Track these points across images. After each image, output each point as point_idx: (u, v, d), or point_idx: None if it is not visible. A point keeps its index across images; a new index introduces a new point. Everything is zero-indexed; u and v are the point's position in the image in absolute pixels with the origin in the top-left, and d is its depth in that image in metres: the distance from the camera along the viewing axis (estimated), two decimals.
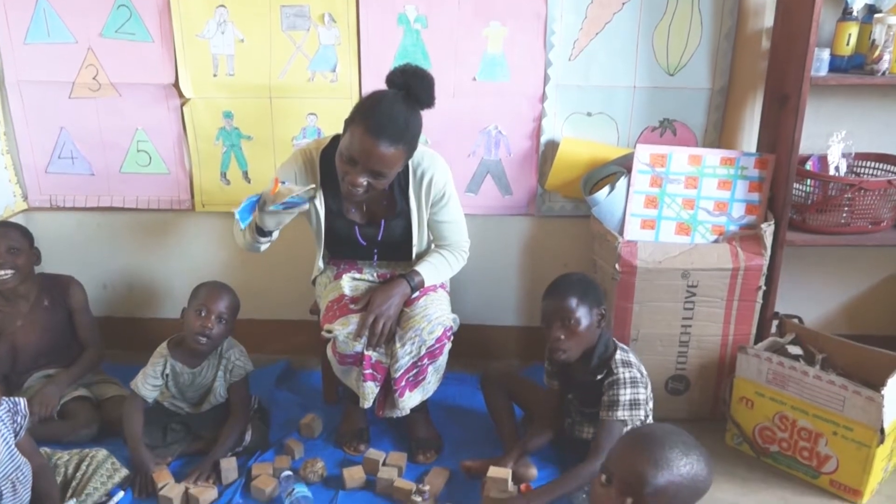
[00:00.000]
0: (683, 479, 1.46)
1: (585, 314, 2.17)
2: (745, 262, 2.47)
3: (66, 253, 2.94)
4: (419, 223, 2.37)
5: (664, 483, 1.45)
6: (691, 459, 1.48)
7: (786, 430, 2.39)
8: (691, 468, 1.47)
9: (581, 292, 2.18)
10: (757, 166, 2.56)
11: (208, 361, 2.45)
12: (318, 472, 2.32)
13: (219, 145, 2.82)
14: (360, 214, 2.39)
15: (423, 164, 2.31)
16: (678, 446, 1.48)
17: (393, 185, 2.31)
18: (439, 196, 2.34)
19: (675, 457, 1.47)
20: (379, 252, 2.44)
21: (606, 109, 2.73)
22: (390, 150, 2.08)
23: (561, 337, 2.17)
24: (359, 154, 2.09)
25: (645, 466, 1.46)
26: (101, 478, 2.17)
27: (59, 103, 2.80)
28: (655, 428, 1.59)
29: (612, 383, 2.19)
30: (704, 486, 1.50)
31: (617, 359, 2.21)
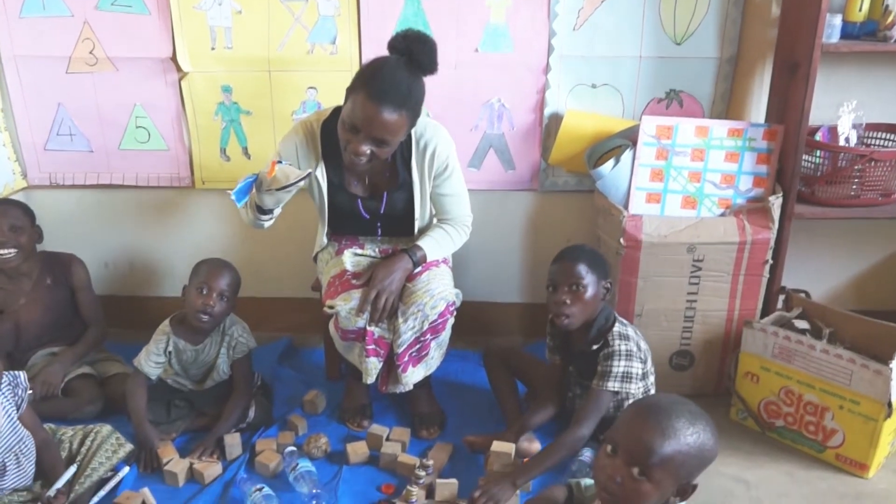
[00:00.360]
0: (690, 449, 1.47)
1: (593, 283, 2.18)
2: (752, 235, 2.45)
3: (67, 231, 2.94)
4: (421, 196, 2.35)
5: (671, 452, 1.45)
6: (697, 429, 1.48)
7: (791, 404, 2.38)
8: (697, 437, 1.47)
9: (591, 261, 2.20)
10: (765, 137, 2.52)
11: (211, 338, 2.45)
12: (321, 448, 2.33)
13: (218, 120, 2.80)
14: (362, 187, 2.37)
15: (427, 135, 2.29)
16: (684, 415, 1.48)
17: (395, 157, 2.29)
18: (442, 168, 2.32)
19: (682, 426, 1.47)
20: (382, 226, 2.43)
21: (611, 81, 2.69)
22: (393, 117, 2.06)
23: (567, 301, 2.17)
24: (361, 121, 2.07)
25: (651, 436, 1.46)
26: (105, 453, 2.18)
27: (56, 79, 2.79)
28: (661, 398, 1.59)
29: (607, 355, 2.19)
30: (711, 455, 1.51)
31: (615, 331, 2.21)
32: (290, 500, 2.13)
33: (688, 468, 1.49)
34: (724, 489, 2.22)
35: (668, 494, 1.51)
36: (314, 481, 2.15)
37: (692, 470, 1.50)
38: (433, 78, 2.19)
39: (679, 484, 1.50)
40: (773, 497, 2.20)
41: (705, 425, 1.50)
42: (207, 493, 2.18)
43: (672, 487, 1.50)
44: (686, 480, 1.51)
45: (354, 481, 2.24)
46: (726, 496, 2.19)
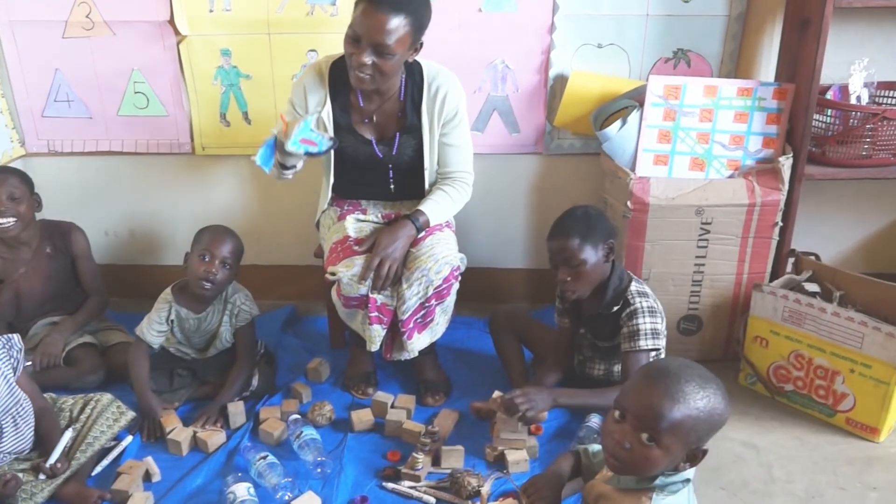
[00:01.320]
0: (700, 413, 1.41)
1: (591, 252, 2.09)
2: (762, 197, 2.38)
3: (66, 199, 2.87)
4: (430, 142, 2.29)
5: (680, 417, 1.40)
6: (707, 392, 1.42)
7: (801, 368, 2.32)
8: (708, 401, 1.41)
9: (584, 230, 2.10)
10: (775, 97, 2.44)
11: (213, 306, 2.40)
12: (326, 416, 2.29)
13: (217, 85, 2.72)
14: (371, 129, 2.30)
15: (439, 80, 2.24)
16: (694, 380, 1.42)
17: (406, 98, 2.24)
18: (451, 115, 2.26)
19: (691, 390, 1.41)
20: (394, 170, 2.34)
21: (618, 40, 2.60)
22: (393, 21, 2.01)
23: (567, 279, 2.11)
24: (361, 27, 2.02)
25: (660, 400, 1.40)
26: (106, 421, 2.14)
27: (53, 44, 2.71)
28: (670, 361, 1.54)
29: (631, 314, 2.13)
30: (721, 420, 1.45)
31: (633, 290, 2.15)
32: (295, 468, 2.09)
33: (697, 433, 1.43)
34: (733, 454, 2.17)
35: (678, 460, 1.46)
36: (319, 449, 2.11)
37: (702, 435, 1.44)
38: (435, 38, 2.11)
39: (689, 449, 1.45)
40: (782, 462, 2.15)
41: (715, 389, 1.44)
42: (211, 461, 2.14)
43: (681, 453, 1.45)
44: (696, 445, 1.45)
45: (359, 449, 2.19)
46: (735, 461, 2.15)
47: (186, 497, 2.02)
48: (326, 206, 2.45)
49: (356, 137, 2.30)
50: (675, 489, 1.46)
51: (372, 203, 2.43)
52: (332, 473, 2.08)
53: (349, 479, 2.07)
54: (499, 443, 2.14)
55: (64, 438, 2.04)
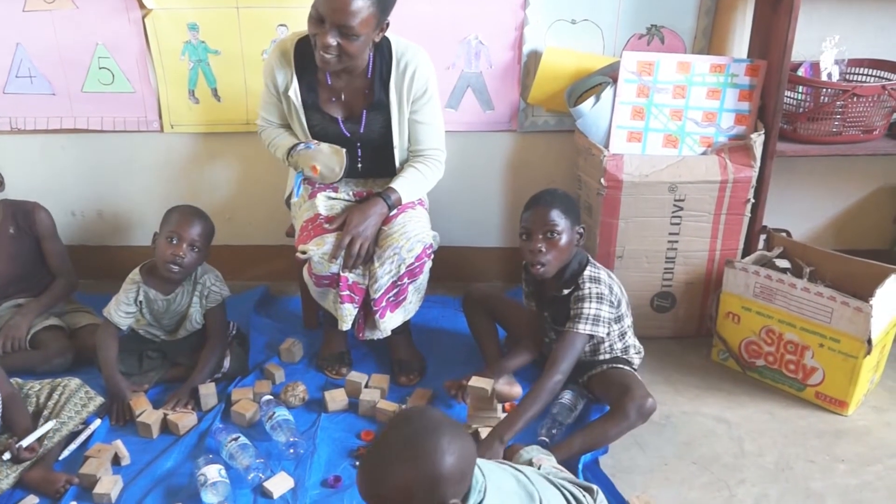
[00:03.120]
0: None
1: (567, 229, 2.07)
2: (734, 174, 2.35)
3: (31, 179, 2.76)
4: (399, 120, 2.22)
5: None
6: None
7: (772, 343, 2.31)
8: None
9: (565, 206, 2.09)
10: (748, 73, 2.41)
11: (183, 287, 2.33)
12: (299, 396, 2.24)
13: (185, 61, 2.62)
14: (339, 107, 2.23)
15: (408, 56, 2.17)
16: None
17: (374, 75, 2.17)
18: (421, 92, 2.19)
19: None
20: (363, 147, 2.28)
21: (591, 16, 2.55)
22: (357, 1, 1.93)
23: (542, 249, 2.05)
24: (324, 7, 1.95)
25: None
26: (75, 406, 2.08)
27: (13, 17, 2.58)
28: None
29: (578, 298, 2.09)
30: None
31: (585, 275, 2.11)
32: (267, 449, 2.05)
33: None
34: (704, 428, 2.17)
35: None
36: (292, 430, 2.07)
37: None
38: (407, 14, 2.04)
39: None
40: (753, 436, 2.14)
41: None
42: (182, 444, 2.08)
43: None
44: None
45: (333, 429, 2.15)
46: (707, 435, 2.14)
47: (156, 480, 1.97)
48: (296, 185, 2.38)
49: (323, 116, 2.23)
50: None
51: (343, 181, 2.36)
52: (305, 454, 2.04)
53: (322, 459, 2.03)
54: (473, 420, 2.11)
55: (44, 427, 1.97)
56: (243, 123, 2.69)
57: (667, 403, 2.24)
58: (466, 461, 1.34)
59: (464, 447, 1.33)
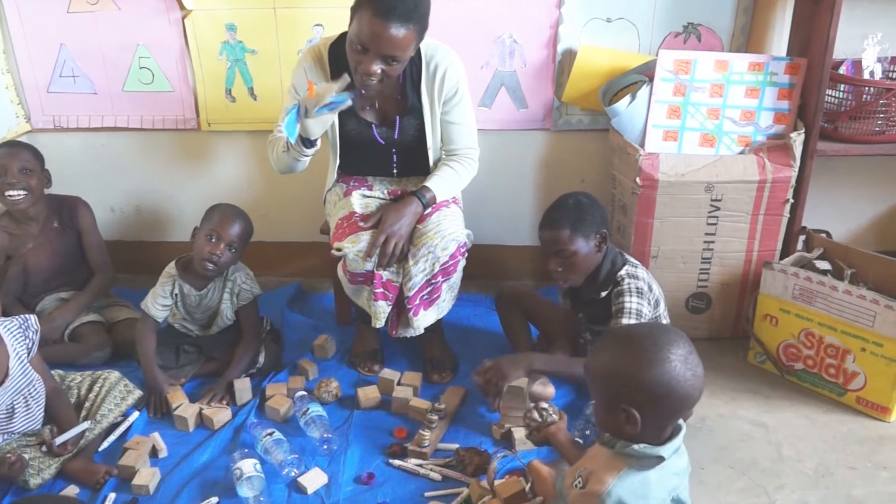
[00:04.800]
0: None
1: (582, 243, 2.02)
2: (773, 174, 2.29)
3: (72, 176, 2.78)
4: (432, 121, 2.20)
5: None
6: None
7: (812, 347, 2.24)
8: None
9: (574, 221, 2.02)
10: (787, 72, 2.34)
11: (214, 284, 2.32)
12: (332, 392, 2.22)
13: (222, 60, 2.63)
14: (373, 113, 2.22)
15: (437, 58, 2.14)
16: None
17: (405, 80, 2.15)
18: (452, 93, 2.16)
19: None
20: (398, 155, 2.26)
21: (627, 14, 2.49)
22: (401, 32, 1.92)
23: (558, 270, 2.05)
24: (369, 39, 1.92)
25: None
26: (114, 399, 2.08)
27: (58, 18, 2.62)
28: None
29: (618, 293, 2.05)
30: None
31: (623, 272, 2.07)
32: (301, 445, 2.03)
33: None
34: (742, 432, 2.10)
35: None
36: (325, 426, 2.05)
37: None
38: (442, 13, 2.02)
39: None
40: (792, 441, 2.07)
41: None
42: (217, 437, 2.08)
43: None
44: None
45: (366, 426, 2.13)
46: (744, 439, 2.07)
47: (193, 473, 1.96)
48: (333, 183, 2.36)
49: (359, 121, 2.21)
50: (647, 465, 1.38)
51: (378, 179, 2.34)
52: (338, 450, 2.02)
53: (355, 455, 2.01)
54: (505, 420, 2.07)
55: (80, 427, 1.97)
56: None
57: (702, 406, 2.18)
58: (674, 390, 1.33)
59: (683, 377, 1.33)
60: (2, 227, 2.48)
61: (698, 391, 1.37)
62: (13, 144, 2.47)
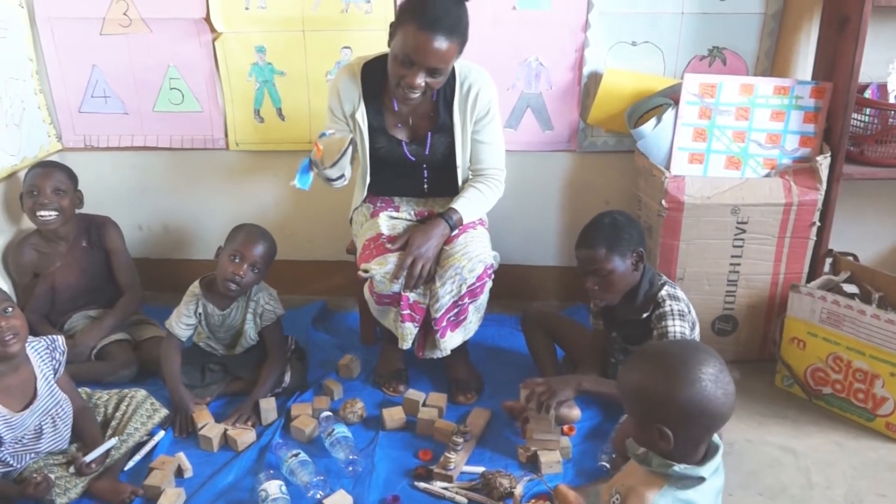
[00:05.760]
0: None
1: (619, 262, 1.99)
2: (799, 196, 2.25)
3: (101, 194, 2.77)
4: (463, 140, 2.19)
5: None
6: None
7: (840, 371, 2.19)
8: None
9: (612, 239, 1.99)
10: (813, 95, 2.31)
11: (237, 303, 2.30)
12: (357, 413, 2.19)
13: (252, 81, 2.63)
14: (404, 130, 2.21)
15: (471, 78, 2.14)
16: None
17: (438, 97, 2.15)
18: (483, 113, 2.16)
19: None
20: (428, 169, 2.25)
21: (652, 38, 2.48)
22: (445, 45, 1.94)
23: (595, 288, 2.02)
24: (414, 52, 1.93)
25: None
26: (140, 418, 2.06)
27: (91, 40, 2.63)
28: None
29: (660, 316, 2.01)
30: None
31: (663, 293, 2.03)
32: (326, 466, 2.00)
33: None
34: (770, 458, 2.05)
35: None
36: (351, 447, 2.01)
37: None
38: (470, 36, 2.02)
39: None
40: (821, 466, 2.02)
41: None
42: (243, 458, 2.04)
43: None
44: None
45: (391, 447, 2.09)
46: (773, 465, 2.02)
47: (218, 494, 1.93)
48: (360, 203, 2.34)
49: (389, 139, 2.20)
50: (688, 485, 1.35)
51: (405, 200, 2.33)
52: (363, 472, 1.98)
53: (381, 477, 1.97)
54: (532, 443, 2.03)
55: (108, 444, 1.95)
56: (306, 142, 2.67)
57: (730, 430, 2.13)
58: (706, 409, 1.32)
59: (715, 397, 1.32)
60: (31, 245, 2.48)
61: (730, 409, 1.36)
62: (47, 165, 2.47)
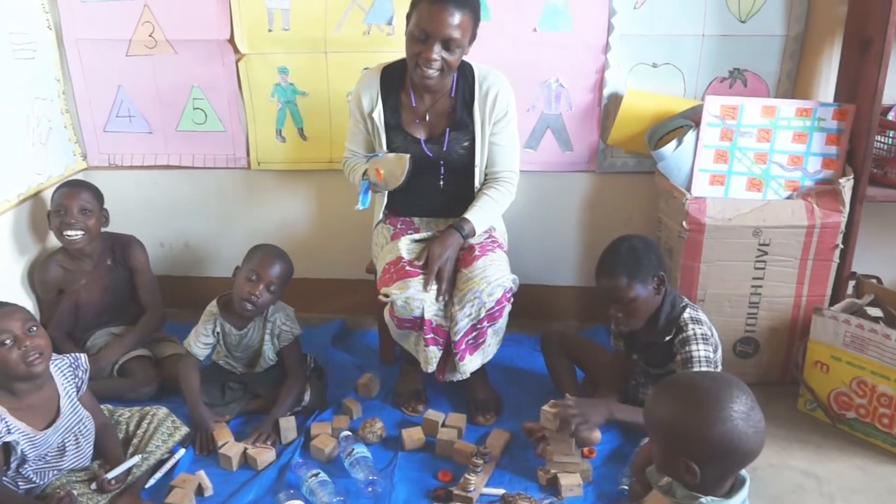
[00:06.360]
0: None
1: (641, 288, 1.96)
2: (822, 219, 2.22)
3: (124, 212, 2.79)
4: (482, 140, 2.21)
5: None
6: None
7: (864, 395, 2.15)
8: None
9: (631, 267, 1.96)
10: (835, 117, 2.29)
11: (254, 323, 2.29)
12: (376, 433, 2.17)
13: (274, 102, 2.64)
14: (422, 127, 2.23)
15: (490, 80, 2.18)
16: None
17: (457, 94, 2.18)
18: (502, 114, 2.19)
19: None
20: (445, 165, 2.24)
21: (673, 60, 2.47)
22: (459, 16, 2.00)
23: (618, 315, 1.99)
24: (429, 24, 1.99)
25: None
26: (162, 436, 2.06)
27: (117, 61, 2.66)
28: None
29: (683, 340, 1.98)
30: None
31: (686, 316, 2.00)
32: (346, 486, 1.98)
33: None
34: (793, 483, 2.01)
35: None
36: (370, 467, 2.00)
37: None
38: (490, 58, 2.05)
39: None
40: (845, 493, 1.98)
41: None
42: (263, 477, 2.03)
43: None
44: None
45: (410, 468, 2.07)
46: (796, 490, 1.98)
47: None
48: (381, 219, 2.35)
49: (406, 137, 2.22)
50: None
51: (425, 221, 2.32)
52: (383, 493, 1.96)
53: (400, 498, 1.95)
54: (552, 465, 2.00)
55: (130, 462, 1.95)
56: (327, 161, 2.68)
57: None
58: (736, 448, 1.30)
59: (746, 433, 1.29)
60: (57, 262, 2.49)
61: (760, 446, 1.33)
62: (74, 184, 2.49)
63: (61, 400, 1.89)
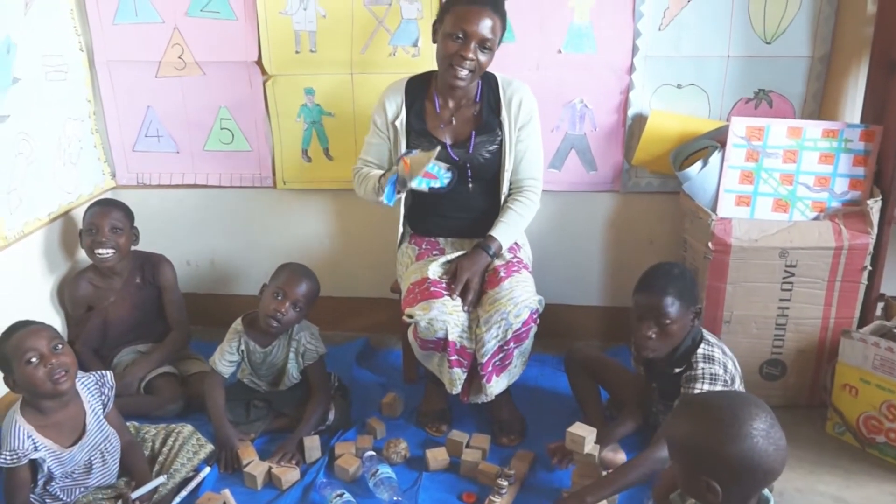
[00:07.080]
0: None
1: (682, 312, 1.91)
2: (850, 240, 2.19)
3: (151, 230, 2.79)
4: (510, 144, 2.22)
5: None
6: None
7: (894, 419, 2.11)
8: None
9: (679, 289, 1.91)
10: (862, 139, 2.26)
11: (279, 341, 2.29)
12: (401, 453, 2.16)
13: (300, 122, 2.66)
14: (448, 131, 2.23)
15: (513, 87, 2.22)
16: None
17: (482, 99, 2.21)
18: (527, 119, 2.21)
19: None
20: (472, 168, 2.23)
21: (698, 81, 2.46)
22: (493, 18, 2.06)
23: (652, 336, 1.92)
24: (468, 24, 2.04)
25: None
26: (187, 454, 2.06)
27: (146, 82, 2.69)
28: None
29: (690, 378, 1.93)
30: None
31: (699, 353, 1.95)
32: None
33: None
34: None
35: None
36: (394, 488, 1.98)
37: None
38: (515, 78, 2.05)
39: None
40: None
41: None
42: (288, 496, 2.02)
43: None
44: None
45: (434, 489, 2.06)
46: None
47: None
48: (405, 238, 2.34)
49: (430, 141, 2.22)
50: None
51: (450, 241, 2.32)
52: None
53: None
54: (576, 488, 1.97)
55: (156, 482, 1.95)
56: (351, 181, 2.68)
57: (779, 479, 2.01)
58: (757, 466, 1.30)
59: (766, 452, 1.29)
60: (87, 279, 2.52)
61: (781, 465, 1.33)
62: (106, 203, 2.51)
63: (87, 417, 1.90)
